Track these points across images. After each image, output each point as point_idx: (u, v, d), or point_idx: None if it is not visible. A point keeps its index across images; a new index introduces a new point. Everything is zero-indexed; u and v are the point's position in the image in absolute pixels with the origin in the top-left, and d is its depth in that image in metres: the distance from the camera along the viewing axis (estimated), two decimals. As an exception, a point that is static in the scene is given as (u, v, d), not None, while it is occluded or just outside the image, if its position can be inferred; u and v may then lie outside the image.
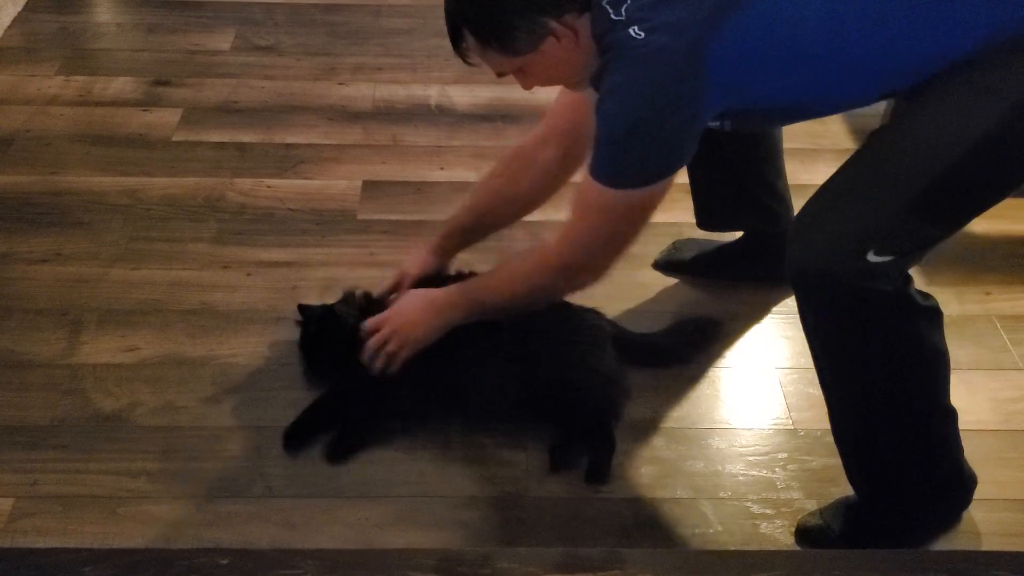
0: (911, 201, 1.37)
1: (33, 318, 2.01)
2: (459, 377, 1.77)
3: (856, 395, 1.54)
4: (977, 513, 1.69)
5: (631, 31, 1.39)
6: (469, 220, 1.93)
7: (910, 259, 1.44)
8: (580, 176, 1.60)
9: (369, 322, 1.78)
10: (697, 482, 1.75)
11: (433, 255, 1.92)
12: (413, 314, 1.75)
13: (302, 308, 1.90)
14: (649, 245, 2.22)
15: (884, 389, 1.51)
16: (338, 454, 1.76)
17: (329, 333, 1.84)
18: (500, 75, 1.60)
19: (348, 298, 1.90)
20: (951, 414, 1.58)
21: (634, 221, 1.56)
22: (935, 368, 1.52)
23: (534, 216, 2.28)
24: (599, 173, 1.50)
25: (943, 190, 1.36)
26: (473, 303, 1.73)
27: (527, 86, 1.61)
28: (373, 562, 1.61)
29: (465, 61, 1.59)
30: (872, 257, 1.37)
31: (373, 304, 1.88)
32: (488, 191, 1.92)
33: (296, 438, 1.79)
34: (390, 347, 1.74)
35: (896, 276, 1.42)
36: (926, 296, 1.49)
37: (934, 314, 1.49)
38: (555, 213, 2.30)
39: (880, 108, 2.57)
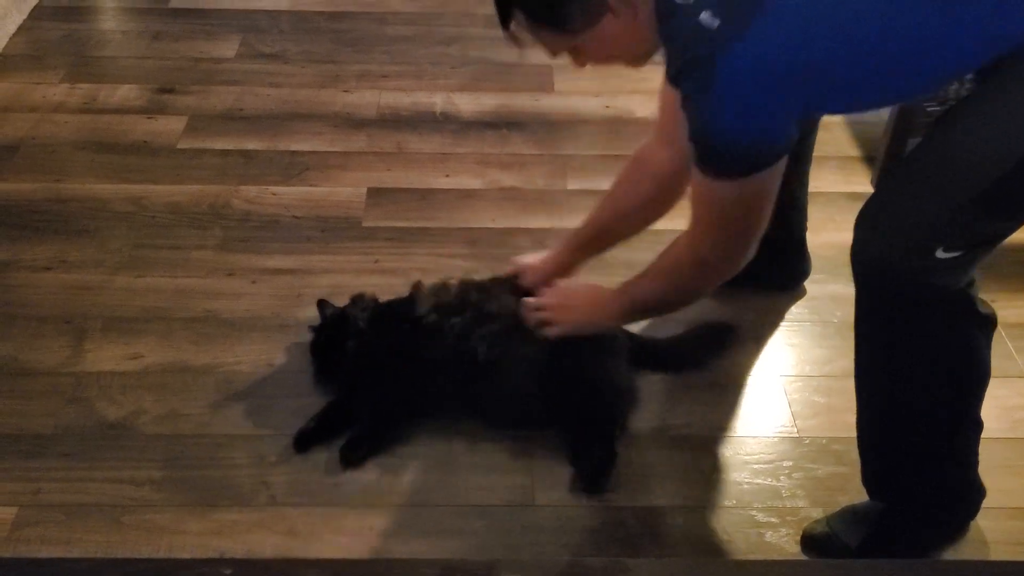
0: (982, 195, 1.32)
1: (37, 326, 2.01)
2: (472, 380, 1.78)
3: (894, 394, 1.53)
4: (984, 522, 1.68)
5: (702, 18, 1.31)
6: (592, 233, 1.88)
7: (979, 255, 1.40)
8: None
9: (541, 288, 1.82)
10: (701, 490, 1.75)
11: (553, 266, 1.89)
12: (577, 298, 1.78)
13: (321, 304, 1.91)
14: (651, 252, 2.20)
15: (924, 392, 1.50)
16: (353, 458, 1.76)
17: (340, 337, 1.84)
18: (554, 55, 1.52)
19: (358, 300, 1.90)
20: (979, 425, 1.57)
21: (753, 207, 1.47)
22: (977, 378, 1.51)
23: (540, 223, 2.29)
24: (700, 166, 1.44)
25: (1015, 182, 1.31)
26: (628, 302, 1.71)
27: (581, 65, 1.53)
28: (377, 571, 1.60)
29: (515, 44, 1.50)
30: (940, 254, 1.34)
31: (383, 308, 1.89)
32: (609, 204, 1.87)
33: (307, 440, 1.79)
34: (545, 315, 1.76)
35: (962, 274, 1.40)
36: (985, 303, 1.47)
37: (989, 324, 1.48)
38: (561, 221, 2.30)
39: (883, 115, 2.57)
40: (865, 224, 1.41)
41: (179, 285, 2.11)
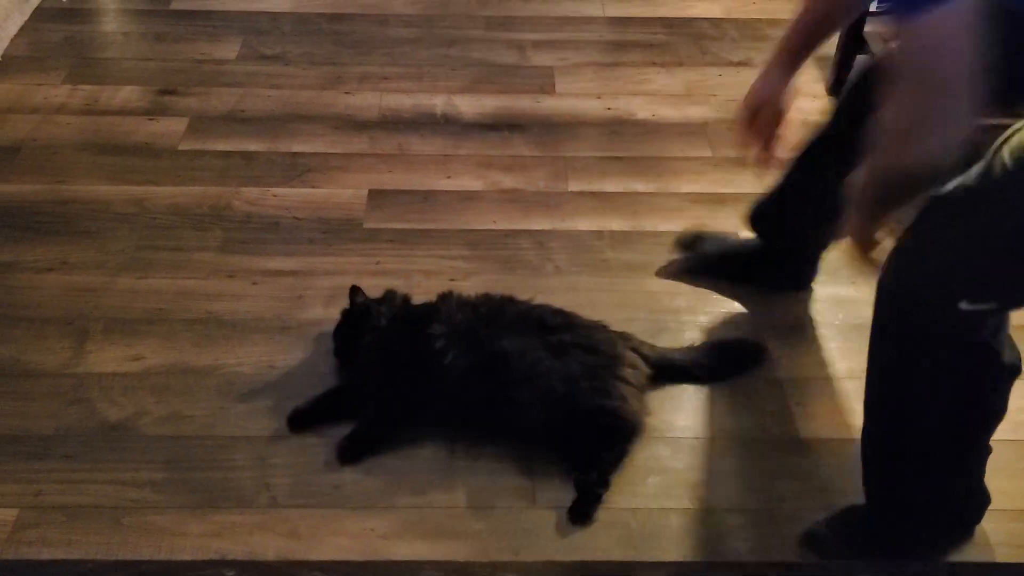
0: (1017, 251, 1.27)
1: (39, 327, 2.01)
2: (476, 390, 1.77)
3: (902, 423, 1.51)
4: (986, 524, 1.68)
5: None
6: (801, 37, 1.73)
7: (1009, 309, 1.38)
8: None
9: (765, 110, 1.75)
10: (703, 492, 1.75)
11: (782, 72, 1.75)
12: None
13: (353, 291, 1.93)
14: (651, 254, 2.22)
15: (933, 425, 1.48)
16: (349, 455, 1.76)
17: (361, 329, 1.86)
18: None
19: (389, 297, 1.92)
20: (988, 450, 1.57)
21: (940, 57, 1.21)
22: (991, 420, 1.50)
23: (542, 225, 2.29)
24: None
25: None
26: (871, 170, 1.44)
27: None
28: (379, 573, 1.61)
29: None
30: (965, 305, 1.30)
31: (408, 311, 1.90)
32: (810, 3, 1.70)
33: (301, 420, 1.82)
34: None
35: (991, 324, 1.36)
36: (1012, 348, 1.43)
37: (1012, 373, 1.45)
38: (562, 223, 2.31)
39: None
40: (894, 260, 1.38)
41: (180, 287, 2.11)
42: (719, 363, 1.95)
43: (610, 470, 1.75)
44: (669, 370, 1.90)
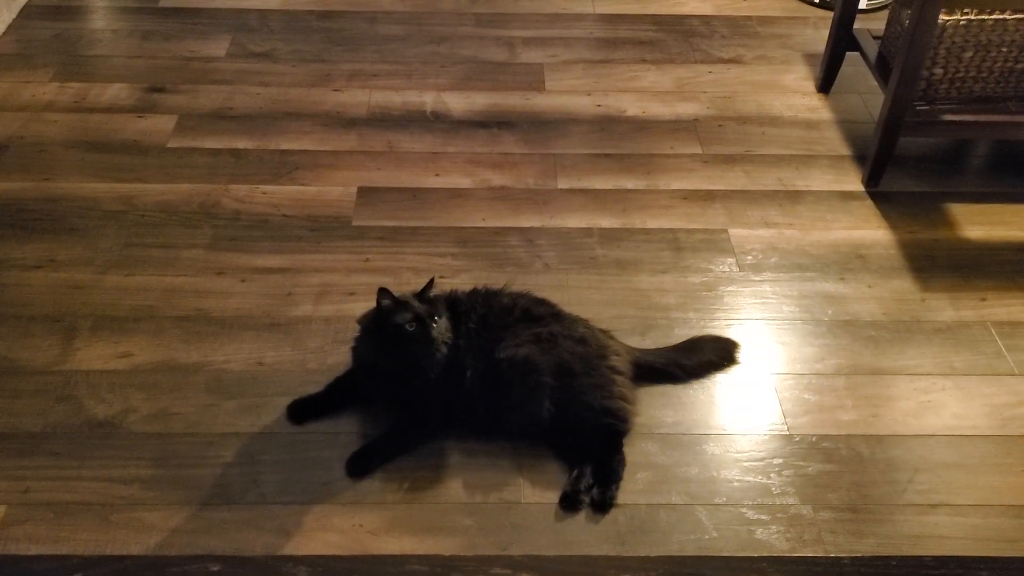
0: None
1: (26, 324, 2.00)
2: (483, 397, 1.78)
3: None
4: (973, 518, 1.69)
5: None
6: None
7: None
8: None
9: None
10: (692, 488, 1.75)
11: None
12: None
13: (382, 293, 1.76)
14: (641, 251, 2.22)
15: None
16: (361, 469, 1.75)
17: (386, 334, 1.76)
18: None
19: (434, 300, 1.81)
20: None
21: None
22: None
23: (531, 222, 2.29)
24: None
25: None
26: None
27: None
28: (367, 568, 1.61)
29: None
30: None
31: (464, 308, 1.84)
32: None
33: (301, 412, 1.82)
34: None
35: None
36: None
37: None
38: (551, 220, 2.31)
39: (874, 113, 2.58)
40: None
41: (169, 284, 2.11)
42: (694, 361, 1.95)
43: (621, 474, 1.76)
44: (647, 371, 1.91)
